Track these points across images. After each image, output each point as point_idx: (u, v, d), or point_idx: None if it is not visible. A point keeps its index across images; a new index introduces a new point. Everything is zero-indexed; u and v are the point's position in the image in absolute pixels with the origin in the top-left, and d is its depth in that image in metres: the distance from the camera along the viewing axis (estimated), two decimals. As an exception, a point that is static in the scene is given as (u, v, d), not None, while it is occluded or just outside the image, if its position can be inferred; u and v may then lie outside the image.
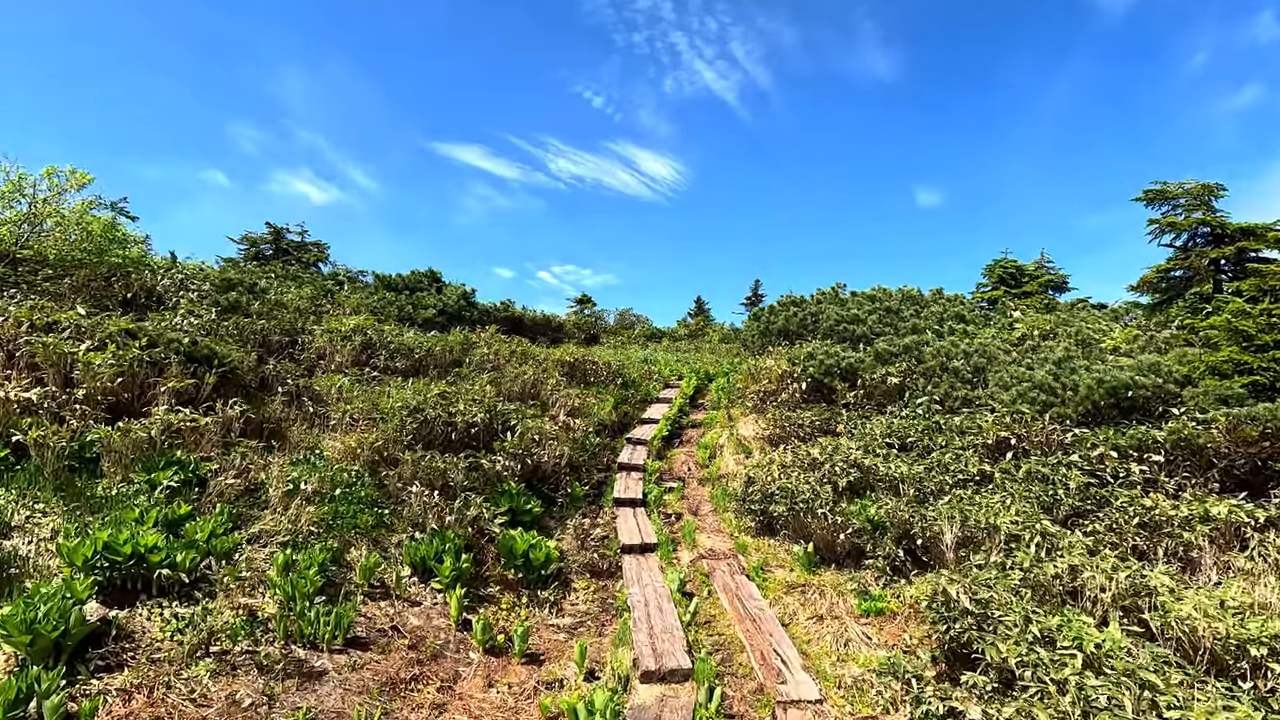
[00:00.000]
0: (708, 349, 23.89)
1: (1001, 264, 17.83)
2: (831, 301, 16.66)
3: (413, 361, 11.02)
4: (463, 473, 8.13)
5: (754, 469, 9.56)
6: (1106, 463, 8.02)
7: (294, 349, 10.52)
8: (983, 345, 11.37)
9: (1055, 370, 9.83)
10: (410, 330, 12.60)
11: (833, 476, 8.79)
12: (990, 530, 6.84)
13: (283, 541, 6.51)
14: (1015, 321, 13.63)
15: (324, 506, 7.11)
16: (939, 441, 9.41)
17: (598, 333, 27.20)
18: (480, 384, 10.47)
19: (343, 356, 10.44)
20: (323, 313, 12.51)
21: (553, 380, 12.05)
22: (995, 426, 8.95)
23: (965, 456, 8.71)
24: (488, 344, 12.87)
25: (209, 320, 9.56)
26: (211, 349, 7.96)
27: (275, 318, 10.71)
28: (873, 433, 10.04)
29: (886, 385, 11.62)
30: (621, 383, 14.47)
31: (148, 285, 10.53)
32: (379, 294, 14.99)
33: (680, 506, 9.83)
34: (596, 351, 18.75)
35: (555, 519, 8.86)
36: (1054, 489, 7.65)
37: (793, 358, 13.24)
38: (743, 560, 8.02)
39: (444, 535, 7.05)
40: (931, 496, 8.16)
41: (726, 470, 11.29)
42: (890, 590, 7.16)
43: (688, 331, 28.02)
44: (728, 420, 13.50)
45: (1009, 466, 8.36)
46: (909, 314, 14.69)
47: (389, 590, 6.46)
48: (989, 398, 10.28)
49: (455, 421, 8.63)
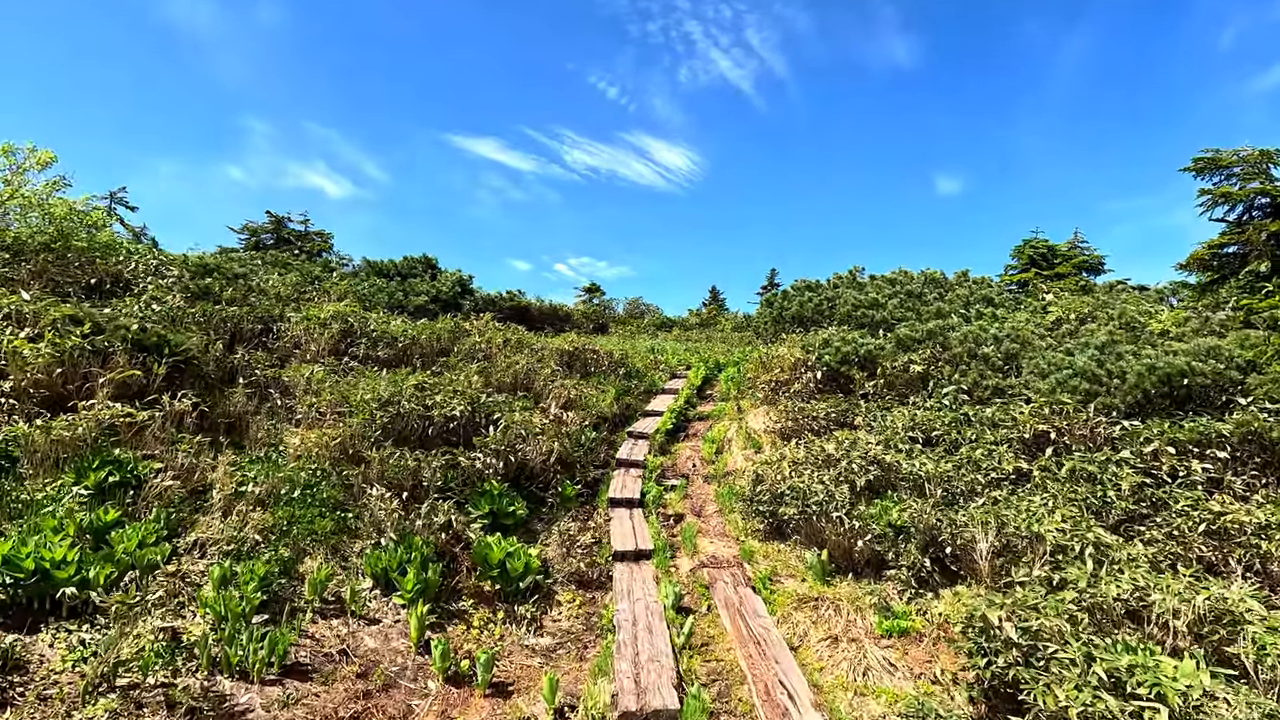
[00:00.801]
0: (719, 338, 22.98)
1: (1032, 244, 16.67)
2: (849, 286, 15.68)
3: (396, 351, 10.28)
4: (439, 471, 7.37)
5: (763, 466, 8.71)
6: (1162, 460, 7.07)
7: (268, 338, 9.82)
8: (1015, 329, 10.39)
9: (1099, 356, 8.85)
10: (398, 318, 11.89)
11: (849, 474, 7.92)
12: (1033, 539, 5.93)
13: (226, 551, 5.79)
14: (1049, 305, 12.59)
15: (278, 510, 6.38)
16: (968, 435, 8.49)
17: (606, 322, 26.40)
18: (467, 374, 9.71)
19: (319, 345, 9.72)
20: (306, 300, 11.82)
21: (548, 370, 11.26)
22: (1033, 419, 8.01)
23: (999, 452, 7.78)
24: (480, 332, 12.11)
25: (173, 307, 8.88)
26: (163, 337, 7.26)
27: (249, 304, 10.02)
28: (894, 425, 9.13)
29: (909, 374, 10.69)
30: (624, 373, 13.65)
31: (113, 270, 9.89)
32: (369, 280, 14.31)
33: (682, 507, 9.01)
34: (601, 341, 17.95)
35: (543, 521, 8.08)
36: (1103, 490, 6.72)
37: (807, 345, 12.33)
38: (748, 569, 7.18)
39: (411, 543, 6.29)
40: (961, 498, 7.26)
41: (734, 466, 10.45)
42: (915, 606, 6.30)
43: (699, 320, 27.10)
44: (737, 412, 12.64)
45: (1049, 464, 7.43)
46: (932, 298, 13.69)
47: (345, 606, 5.72)
48: (1023, 387, 9.32)
49: (432, 415, 7.87)
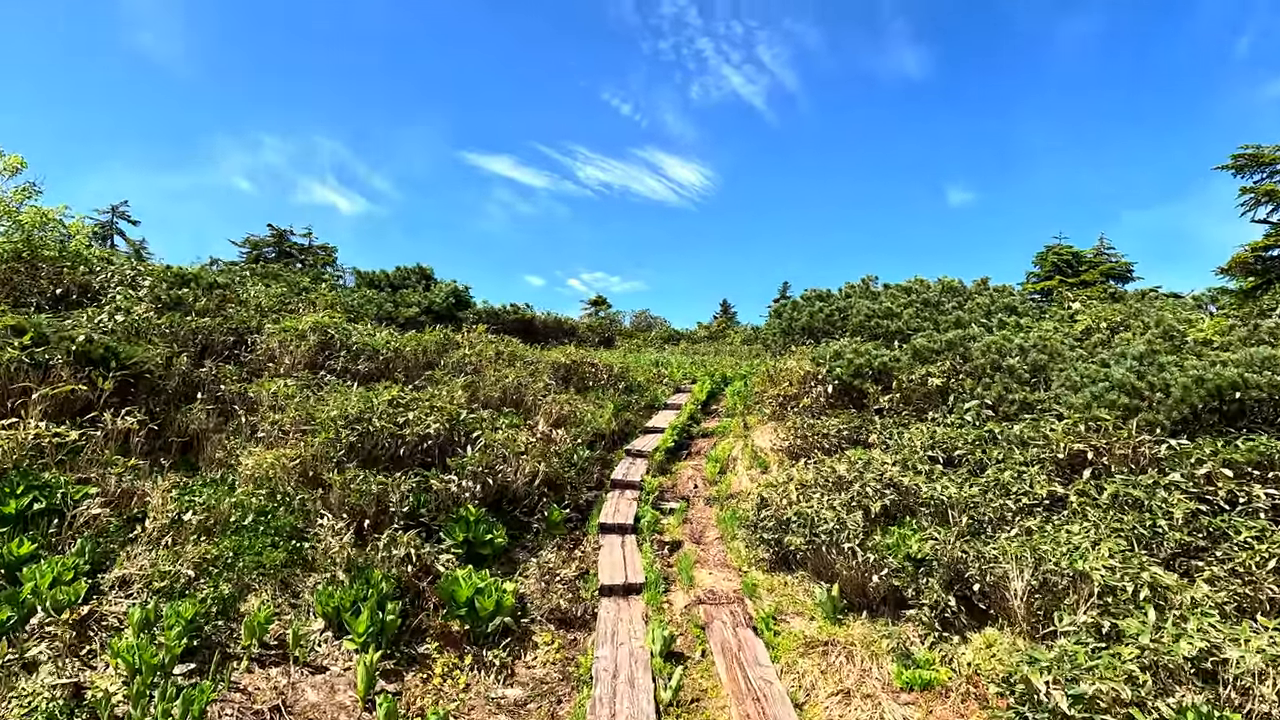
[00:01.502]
0: (728, 351, 22.26)
1: (1055, 251, 15.83)
2: (862, 295, 14.93)
3: (377, 364, 9.68)
4: (408, 495, 6.71)
5: (768, 489, 7.97)
6: (1218, 484, 6.25)
7: (242, 350, 9.26)
8: (1042, 339, 9.60)
9: (1138, 367, 8.05)
10: (385, 330, 11.33)
11: (863, 499, 7.16)
12: (1076, 578, 5.15)
13: (156, 588, 5.15)
14: (1076, 314, 11.77)
15: (224, 540, 5.74)
16: (994, 455, 7.70)
17: (613, 335, 25.78)
18: (451, 389, 9.07)
19: (295, 358, 9.14)
20: (289, 311, 11.29)
21: (540, 385, 10.60)
22: (1068, 437, 7.22)
23: (1030, 475, 6.99)
24: (470, 344, 11.49)
25: (138, 318, 8.34)
26: (111, 349, 6.70)
27: (223, 315, 9.47)
28: (911, 444, 8.36)
29: (927, 387, 9.92)
30: (625, 387, 12.97)
31: (82, 281, 9.41)
32: (360, 291, 13.80)
33: (680, 533, 8.28)
34: (603, 354, 17.30)
35: (526, 549, 7.38)
36: (1153, 519, 5.92)
37: (817, 357, 11.60)
38: (749, 606, 6.43)
39: (369, 577, 5.62)
40: (989, 526, 6.48)
41: (738, 488, 9.70)
42: (939, 652, 5.52)
43: (708, 333, 26.41)
44: (743, 429, 11.90)
45: (1087, 488, 6.63)
46: (951, 307, 12.92)
47: (288, 653, 5.04)
48: (1053, 401, 8.53)
49: (405, 434, 7.22)
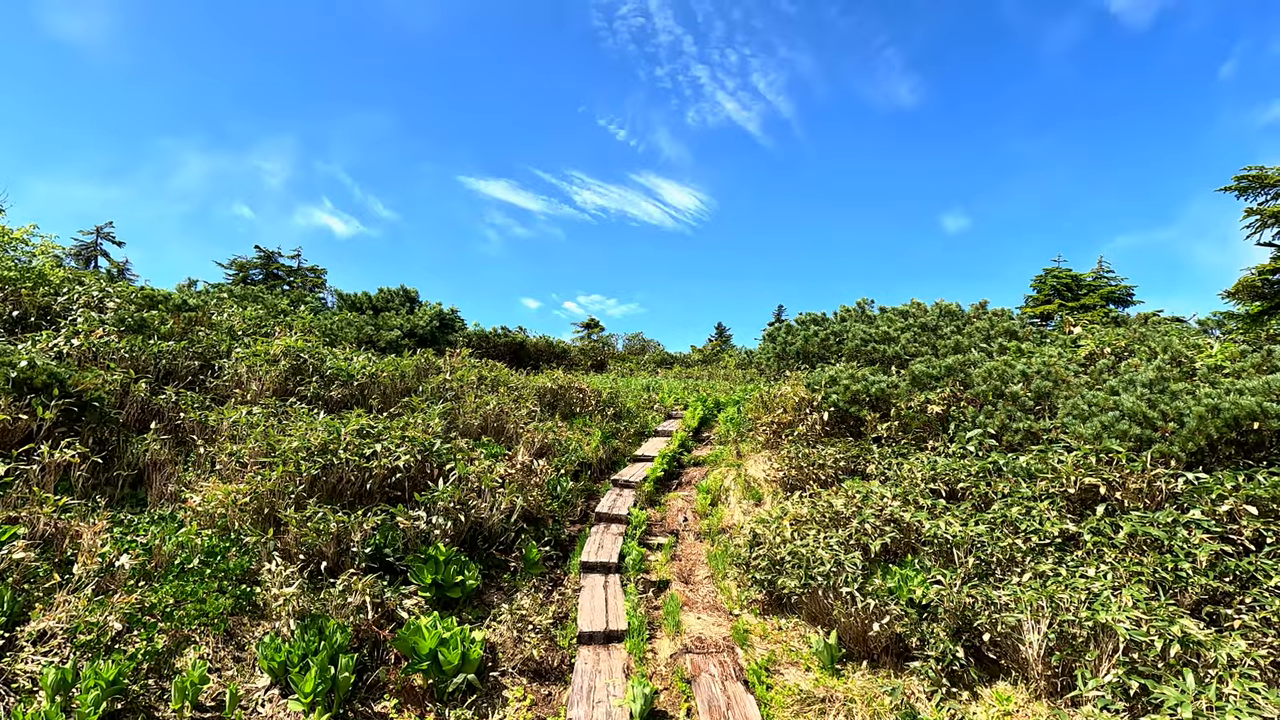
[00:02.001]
0: (721, 375, 21.84)
1: (1054, 274, 15.53)
2: (857, 319, 14.57)
3: (351, 390, 9.22)
4: (372, 534, 6.22)
5: (761, 524, 7.50)
6: (1243, 522, 5.82)
7: (207, 376, 8.80)
8: (1046, 365, 9.21)
9: (1149, 396, 7.65)
10: (363, 354, 10.88)
11: (862, 536, 6.70)
12: (1098, 630, 4.69)
13: (81, 642, 4.63)
14: (1079, 338, 11.41)
15: (165, 585, 5.24)
16: (999, 489, 7.26)
17: (605, 359, 25.34)
18: (428, 417, 8.61)
19: (263, 384, 8.68)
20: (265, 334, 10.85)
21: (524, 412, 10.14)
22: (1078, 470, 6.79)
23: (1039, 511, 6.54)
24: (452, 369, 11.05)
25: (95, 342, 7.89)
26: (55, 375, 6.25)
27: (190, 339, 9.03)
28: (912, 476, 7.92)
29: (926, 415, 9.51)
30: (613, 414, 12.52)
31: (42, 303, 8.98)
32: (340, 314, 13.37)
33: (668, 571, 7.77)
34: (593, 379, 16.86)
35: (501, 590, 6.87)
36: (1175, 561, 5.48)
37: (812, 383, 11.18)
38: (741, 656, 5.93)
39: (322, 628, 5.12)
40: (998, 568, 6.02)
41: (730, 521, 9.22)
42: (948, 710, 5.03)
43: (701, 357, 26.02)
44: (736, 457, 11.44)
45: (1102, 525, 6.18)
46: (949, 331, 12.56)
47: (225, 716, 4.52)
48: (1060, 431, 8.10)
49: (371, 466, 6.75)
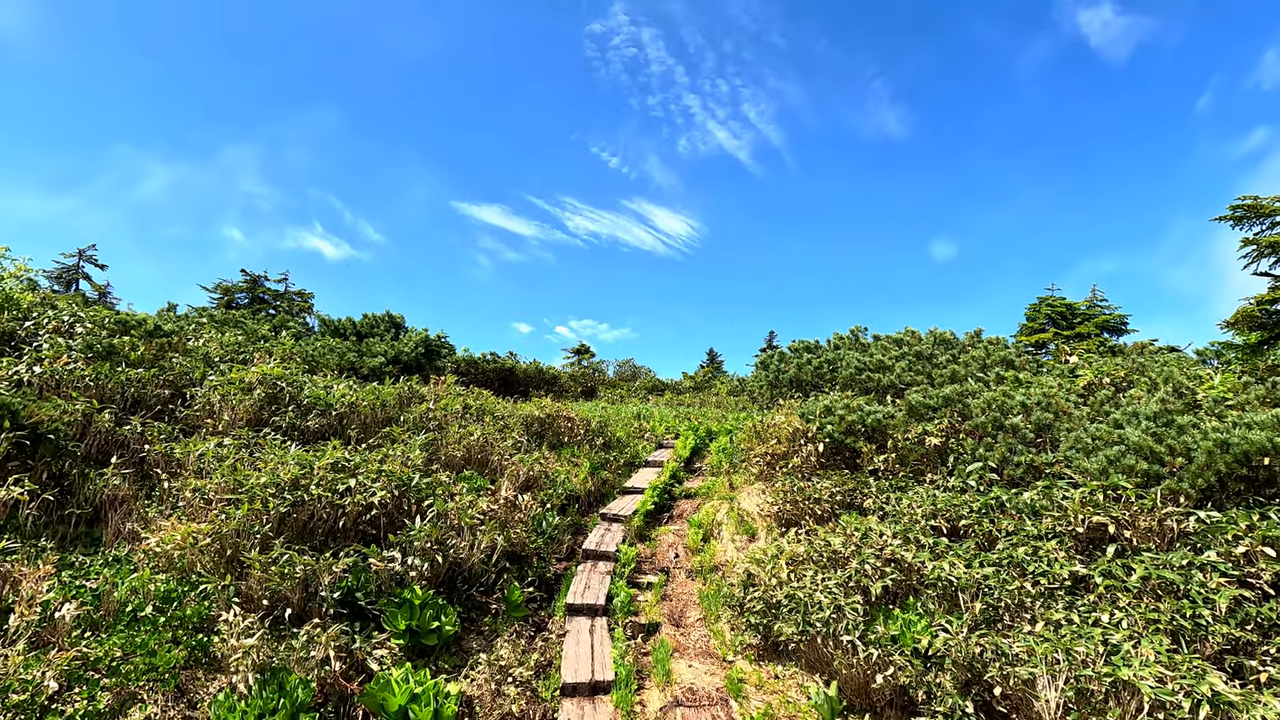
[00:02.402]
0: (714, 402, 21.55)
1: (1048, 303, 15.44)
2: (851, 347, 14.38)
3: (329, 420, 8.86)
4: (343, 577, 5.84)
5: (755, 564, 7.16)
6: (1260, 565, 5.55)
7: (178, 405, 8.43)
8: (1046, 396, 8.99)
9: (1154, 429, 7.42)
10: (345, 382, 10.53)
11: (862, 578, 6.38)
12: (1118, 686, 4.37)
13: (14, 703, 4.23)
14: (1077, 368, 11.23)
15: (113, 636, 4.84)
16: (1004, 527, 6.96)
17: (595, 386, 25.03)
18: (409, 448, 8.26)
19: (236, 414, 8.31)
20: (243, 361, 10.49)
21: (509, 442, 9.80)
22: (1086, 508, 6.51)
23: (1046, 551, 6.25)
24: (435, 397, 10.71)
25: (59, 369, 7.53)
26: (6, 406, 5.88)
27: (161, 366, 8.67)
28: (912, 512, 7.62)
29: (924, 447, 9.24)
30: (602, 443, 12.18)
31: (6, 327, 8.62)
32: (322, 340, 13.03)
33: (658, 613, 7.40)
34: (583, 406, 16.55)
35: (481, 635, 6.48)
36: (1193, 608, 5.18)
37: (806, 413, 10.91)
38: (735, 709, 5.55)
39: (283, 682, 4.73)
40: (1007, 613, 5.70)
41: (723, 558, 8.86)
42: (959, 773, 4.67)
43: (693, 384, 25.74)
44: (728, 490, 11.10)
45: (1113, 568, 5.88)
46: (944, 360, 12.35)
47: (169, 784, 4.12)
48: (1064, 465, 7.85)
49: (344, 503, 6.38)
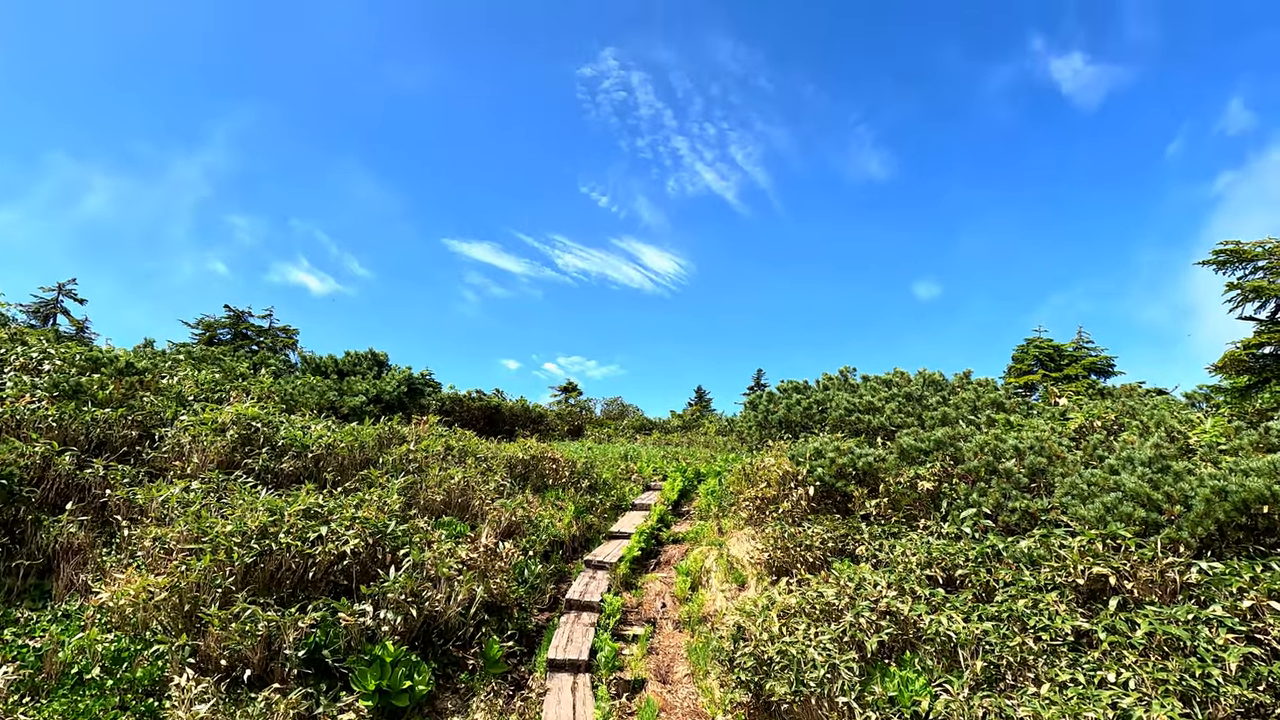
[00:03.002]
0: (702, 442, 21.30)
1: (1036, 344, 15.47)
2: (840, 388, 14.27)
3: (305, 462, 8.54)
4: (309, 633, 5.50)
5: (746, 616, 6.86)
6: (1268, 620, 5.36)
7: (146, 446, 8.11)
8: (1039, 440, 8.87)
9: (1150, 475, 7.29)
10: (323, 422, 10.21)
11: (857, 632, 6.12)
12: (1132, 757, 4.13)
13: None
14: (1067, 411, 11.16)
15: (55, 701, 4.48)
16: (1001, 577, 6.73)
17: (582, 424, 24.73)
18: (386, 493, 7.95)
19: (207, 456, 8.00)
20: (218, 400, 10.18)
21: (492, 485, 9.50)
22: (1086, 558, 6.32)
23: (1046, 604, 6.02)
24: (417, 438, 10.41)
25: (23, 408, 7.22)
26: (-44, 449, 5.57)
27: (130, 405, 8.36)
28: (906, 560, 7.39)
29: (917, 491, 9.06)
30: (588, 485, 11.89)
31: (-32, 366, 8.33)
32: (303, 379, 12.72)
33: (644, 668, 7.05)
34: (569, 447, 16.26)
35: (457, 695, 6.11)
36: (1202, 667, 4.96)
37: (796, 455, 10.71)
38: (725, 778, 5.22)
39: (237, 753, 4.37)
40: (1009, 672, 5.45)
41: (712, 608, 8.54)
42: None
43: (681, 422, 25.49)
44: (717, 534, 10.81)
45: (1117, 623, 5.66)
46: (935, 401, 12.26)
47: None
48: (1060, 512, 7.68)
49: (315, 553, 6.07)
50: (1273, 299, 10.00)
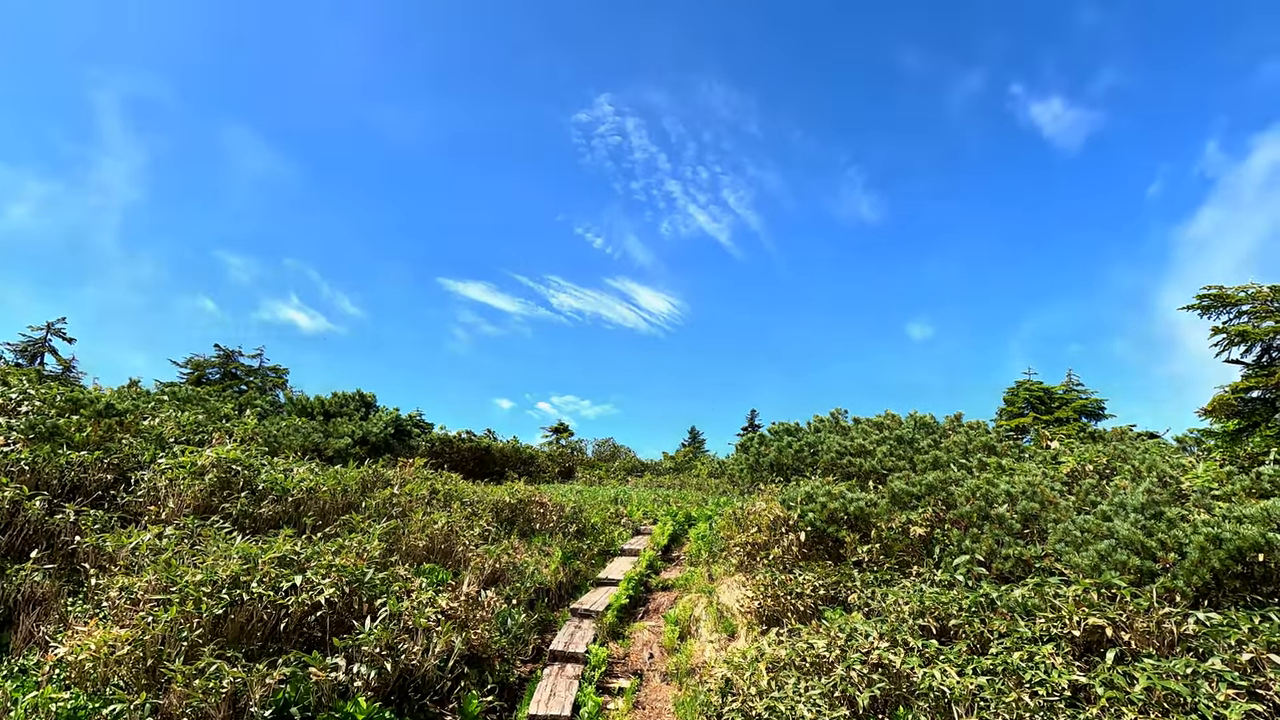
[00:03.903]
0: (694, 484, 21.04)
1: (1026, 387, 15.47)
2: (832, 430, 14.19)
3: (285, 507, 8.35)
4: (283, 686, 5.28)
5: (734, 669, 6.65)
6: (1269, 673, 5.21)
7: (121, 490, 7.92)
8: (1031, 485, 8.77)
9: (1144, 522, 7.19)
10: (306, 465, 10.03)
11: (848, 686, 5.91)
12: (1133, 825, 3.94)
13: None
14: (1059, 454, 11.08)
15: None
16: (996, 628, 6.56)
17: (573, 466, 24.46)
18: (366, 539, 7.76)
19: (184, 500, 7.81)
20: (200, 442, 10.01)
21: (476, 530, 9.30)
22: (1081, 609, 6.17)
23: (1042, 657, 5.85)
24: (401, 481, 10.23)
25: (-5, 452, 7.06)
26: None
27: (107, 448, 8.20)
28: (899, 609, 7.21)
29: (909, 537, 8.92)
30: (576, 530, 11.66)
31: (-58, 407, 8.18)
32: (288, 420, 12.56)
33: (629, 724, 6.79)
34: (557, 489, 16.04)
35: (433, 755, 5.85)
36: (1204, 723, 4.80)
37: (788, 500, 10.57)
38: (711, 846, 4.96)
39: (193, 822, 4.12)
40: (1005, 730, 5.25)
41: (701, 659, 8.28)
42: None
43: (673, 464, 25.23)
44: (708, 581, 10.57)
45: (1114, 677, 5.50)
46: (926, 444, 12.18)
47: None
48: (1054, 559, 7.55)
49: (288, 603, 5.87)
50: (1258, 343, 10.06)
